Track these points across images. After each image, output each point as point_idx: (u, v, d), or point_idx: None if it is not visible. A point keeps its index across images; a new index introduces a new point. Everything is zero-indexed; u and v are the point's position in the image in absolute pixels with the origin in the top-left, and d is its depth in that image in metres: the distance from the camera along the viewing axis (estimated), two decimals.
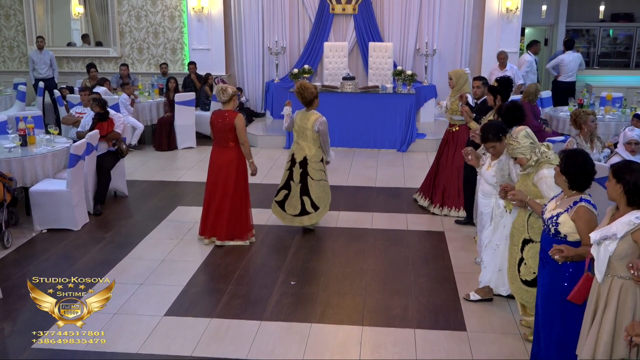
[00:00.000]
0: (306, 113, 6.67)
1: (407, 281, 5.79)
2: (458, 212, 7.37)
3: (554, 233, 3.84)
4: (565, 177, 3.76)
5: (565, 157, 3.81)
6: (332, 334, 4.90)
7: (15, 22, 13.43)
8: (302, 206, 6.76)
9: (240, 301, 5.39)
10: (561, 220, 3.77)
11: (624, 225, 3.28)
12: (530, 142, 4.37)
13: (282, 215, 6.90)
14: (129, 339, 4.79)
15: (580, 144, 6.58)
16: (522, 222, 4.48)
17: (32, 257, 6.33)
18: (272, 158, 10.23)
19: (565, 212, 3.77)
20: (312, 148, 6.65)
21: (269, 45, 12.61)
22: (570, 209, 3.75)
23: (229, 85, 6.57)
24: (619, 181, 3.35)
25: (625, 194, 3.34)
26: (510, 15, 12.12)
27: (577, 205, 3.73)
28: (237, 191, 6.52)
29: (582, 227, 3.67)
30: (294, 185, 6.76)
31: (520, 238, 4.51)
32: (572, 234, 3.76)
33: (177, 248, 6.54)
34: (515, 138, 4.40)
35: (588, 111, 6.78)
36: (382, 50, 11.99)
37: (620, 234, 3.27)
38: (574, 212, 3.73)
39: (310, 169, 6.68)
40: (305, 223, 6.85)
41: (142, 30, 13.07)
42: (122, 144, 8.04)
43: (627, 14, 15.49)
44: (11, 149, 7.30)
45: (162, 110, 11.31)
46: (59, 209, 6.89)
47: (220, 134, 6.44)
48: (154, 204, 8.01)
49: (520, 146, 4.37)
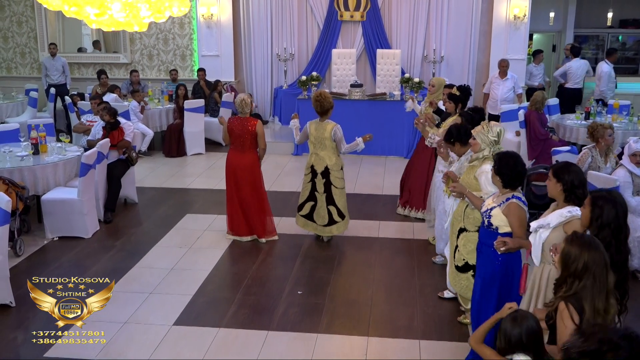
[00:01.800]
0: (321, 123, 6.71)
1: (413, 291, 5.85)
2: (417, 213, 7.66)
3: (487, 225, 4.29)
4: (499, 177, 4.19)
5: (499, 159, 4.22)
6: (338, 344, 4.98)
7: (27, 28, 13.60)
8: (330, 216, 6.84)
9: (248, 311, 5.48)
10: (493, 213, 4.23)
11: (557, 217, 3.73)
12: (494, 140, 4.73)
13: (312, 226, 6.94)
14: (139, 348, 4.88)
15: (595, 157, 6.59)
16: (460, 212, 4.94)
17: (44, 265, 6.44)
18: (280, 165, 10.31)
19: (498, 207, 4.21)
20: (332, 157, 6.72)
21: (277, 52, 12.71)
22: (503, 204, 4.19)
23: (244, 95, 6.89)
24: (558, 180, 3.79)
25: (563, 192, 3.78)
26: (518, 22, 12.16)
27: (508, 202, 4.16)
28: (256, 191, 6.90)
29: (513, 220, 4.14)
30: (319, 195, 6.81)
31: (457, 227, 4.98)
32: (503, 227, 4.20)
33: (185, 256, 6.63)
34: (489, 126, 4.76)
35: (605, 125, 6.70)
36: (390, 57, 12.05)
37: (553, 224, 3.73)
38: (506, 207, 4.17)
39: (333, 177, 6.75)
40: (335, 232, 6.93)
41: (152, 36, 13.19)
42: (132, 152, 8.15)
43: (635, 20, 15.46)
44: (23, 157, 7.42)
45: (171, 117, 11.43)
46: (70, 217, 7.00)
47: (239, 139, 6.78)
48: (164, 211, 8.11)
49: (485, 135, 4.73)
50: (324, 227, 6.90)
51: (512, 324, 2.96)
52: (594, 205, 3.44)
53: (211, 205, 8.21)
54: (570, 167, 3.85)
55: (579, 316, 2.94)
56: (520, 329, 2.93)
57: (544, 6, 14.60)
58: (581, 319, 2.94)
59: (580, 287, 2.99)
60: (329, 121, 6.72)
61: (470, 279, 4.88)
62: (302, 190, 6.96)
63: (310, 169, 6.82)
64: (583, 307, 2.96)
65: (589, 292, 2.97)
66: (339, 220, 6.87)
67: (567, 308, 2.98)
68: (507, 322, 2.99)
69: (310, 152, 6.86)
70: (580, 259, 3.00)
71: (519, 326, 2.94)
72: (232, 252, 6.78)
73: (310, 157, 6.84)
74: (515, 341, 2.94)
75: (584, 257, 2.99)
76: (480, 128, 4.78)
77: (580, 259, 2.99)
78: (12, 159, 7.37)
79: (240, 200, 6.88)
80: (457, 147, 5.35)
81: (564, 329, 2.96)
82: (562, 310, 3.00)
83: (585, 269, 2.98)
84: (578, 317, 2.94)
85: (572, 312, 2.95)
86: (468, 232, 4.88)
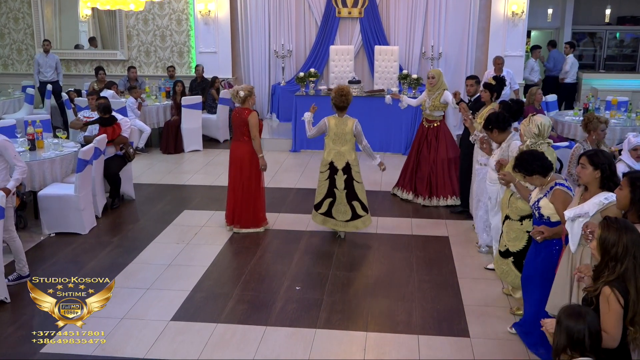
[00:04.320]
0: (341, 119, 6.71)
1: (411, 287, 5.84)
2: (447, 200, 7.97)
3: (539, 216, 4.40)
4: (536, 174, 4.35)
5: (519, 160, 4.42)
6: (336, 339, 4.95)
7: (24, 24, 13.54)
8: (353, 210, 6.80)
9: (246, 306, 5.45)
10: (542, 204, 4.35)
11: (595, 205, 3.83)
12: (535, 133, 4.85)
13: (331, 222, 6.88)
14: (136, 344, 4.85)
15: (586, 149, 6.58)
16: (506, 200, 5.07)
17: (40, 261, 6.40)
18: (278, 161, 10.28)
19: (544, 197, 4.34)
20: (353, 153, 6.73)
21: (275, 48, 12.67)
22: (548, 193, 4.32)
23: (240, 87, 6.94)
24: (596, 167, 3.88)
25: (602, 179, 3.88)
26: (516, 18, 12.13)
27: (553, 189, 4.30)
28: (250, 181, 6.98)
29: (560, 207, 4.22)
30: (339, 192, 6.76)
31: (504, 214, 5.12)
32: (553, 215, 4.31)
33: (183, 252, 6.60)
34: (532, 120, 4.88)
35: (601, 119, 6.68)
36: (388, 54, 12.02)
37: (592, 212, 3.81)
38: (552, 195, 4.30)
39: (354, 172, 6.75)
40: (360, 227, 6.90)
41: (150, 33, 13.15)
42: (129, 148, 8.12)
43: (633, 17, 15.47)
44: (20, 153, 7.35)
45: (169, 114, 11.39)
46: (66, 213, 6.97)
47: (237, 129, 6.99)
48: (161, 207, 8.08)
49: (527, 128, 4.88)
50: (347, 223, 6.85)
51: (576, 320, 2.95)
52: (634, 186, 3.51)
53: (209, 202, 8.18)
54: (604, 153, 4.01)
55: (624, 299, 3.04)
56: (584, 324, 2.94)
57: (542, 3, 14.61)
58: (626, 301, 3.03)
59: (622, 270, 3.08)
60: (347, 116, 6.73)
61: (510, 265, 5.06)
62: (318, 188, 6.86)
63: (328, 166, 6.73)
64: (627, 289, 3.05)
65: (632, 273, 3.08)
66: (363, 214, 6.84)
67: (612, 292, 3.05)
68: (566, 318, 2.98)
69: (328, 149, 6.74)
70: (619, 242, 3.09)
71: (583, 321, 2.95)
72: (230, 248, 6.76)
73: (328, 154, 6.73)
74: (578, 337, 2.93)
75: (622, 240, 3.08)
76: (525, 121, 4.95)
77: (620, 242, 3.09)
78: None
79: (239, 189, 6.99)
80: (495, 134, 5.57)
81: (609, 313, 3.04)
82: (608, 295, 3.07)
83: (625, 252, 3.08)
84: (623, 300, 3.03)
85: (618, 296, 3.04)
86: (511, 221, 5.01)
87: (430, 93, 7.87)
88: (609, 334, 3.05)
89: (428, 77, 7.94)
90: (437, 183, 7.98)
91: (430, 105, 7.85)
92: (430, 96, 7.87)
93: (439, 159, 7.90)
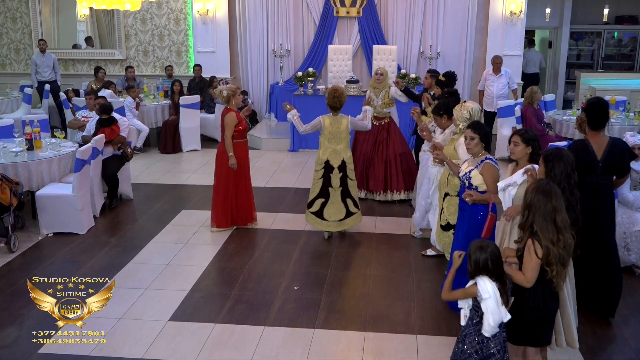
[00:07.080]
0: (335, 118, 6.75)
1: (410, 287, 5.83)
2: (400, 194, 8.21)
3: (468, 186, 4.93)
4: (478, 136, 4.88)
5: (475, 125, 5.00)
6: (335, 339, 4.95)
7: (22, 24, 13.53)
8: (347, 208, 6.85)
9: (244, 306, 5.44)
10: (472, 174, 4.90)
11: (521, 175, 4.40)
12: (467, 117, 5.42)
13: (324, 224, 6.89)
14: (134, 344, 4.84)
15: None
16: (444, 179, 5.77)
17: (38, 261, 6.40)
18: (276, 161, 10.27)
19: (475, 169, 4.89)
20: (347, 151, 6.79)
21: (273, 48, 12.67)
22: (479, 166, 4.87)
23: (224, 87, 7.00)
24: (528, 144, 4.49)
25: (531, 155, 4.48)
26: (515, 18, 12.15)
27: (483, 162, 4.85)
28: (236, 179, 7.04)
29: (488, 178, 4.82)
30: (333, 191, 6.79)
31: (443, 192, 5.80)
32: (481, 185, 4.87)
33: (181, 252, 6.60)
34: (464, 106, 5.48)
35: None
36: (386, 53, 12.02)
37: (519, 181, 4.41)
38: (482, 167, 4.85)
39: (349, 170, 6.81)
40: (351, 224, 6.96)
41: (148, 32, 13.14)
42: (128, 148, 8.11)
43: (631, 17, 15.46)
44: (18, 153, 7.37)
45: (167, 113, 11.38)
46: (65, 212, 6.96)
47: (221, 128, 7.05)
48: (159, 207, 8.07)
49: (460, 113, 5.48)
50: (340, 222, 6.88)
51: (480, 251, 3.58)
52: (547, 161, 4.12)
53: (207, 202, 8.13)
54: (533, 131, 4.69)
55: (542, 250, 3.63)
56: (486, 254, 3.56)
57: (540, 2, 14.60)
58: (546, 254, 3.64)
59: (530, 220, 3.66)
60: (342, 115, 6.77)
61: (451, 236, 5.69)
62: (312, 186, 6.89)
63: (323, 165, 6.75)
64: (543, 243, 3.63)
65: (539, 227, 3.63)
66: (355, 211, 6.91)
67: (533, 244, 3.65)
68: (475, 251, 3.59)
69: (323, 148, 6.76)
70: (528, 195, 3.70)
71: (485, 252, 3.57)
72: (228, 248, 6.75)
73: (324, 153, 6.75)
74: (483, 264, 3.56)
75: (532, 196, 3.68)
76: (458, 107, 5.56)
77: (529, 196, 3.70)
78: (6, 155, 7.32)
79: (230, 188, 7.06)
80: (444, 119, 6.14)
81: (529, 259, 3.66)
82: (529, 245, 3.67)
83: (529, 207, 3.68)
84: (541, 250, 3.62)
85: (537, 247, 3.63)
86: (450, 197, 5.70)
87: (377, 91, 8.18)
88: (525, 277, 3.68)
89: (376, 74, 8.26)
90: (391, 178, 8.21)
91: (382, 104, 8.15)
92: (378, 94, 8.17)
93: (392, 155, 8.17)
